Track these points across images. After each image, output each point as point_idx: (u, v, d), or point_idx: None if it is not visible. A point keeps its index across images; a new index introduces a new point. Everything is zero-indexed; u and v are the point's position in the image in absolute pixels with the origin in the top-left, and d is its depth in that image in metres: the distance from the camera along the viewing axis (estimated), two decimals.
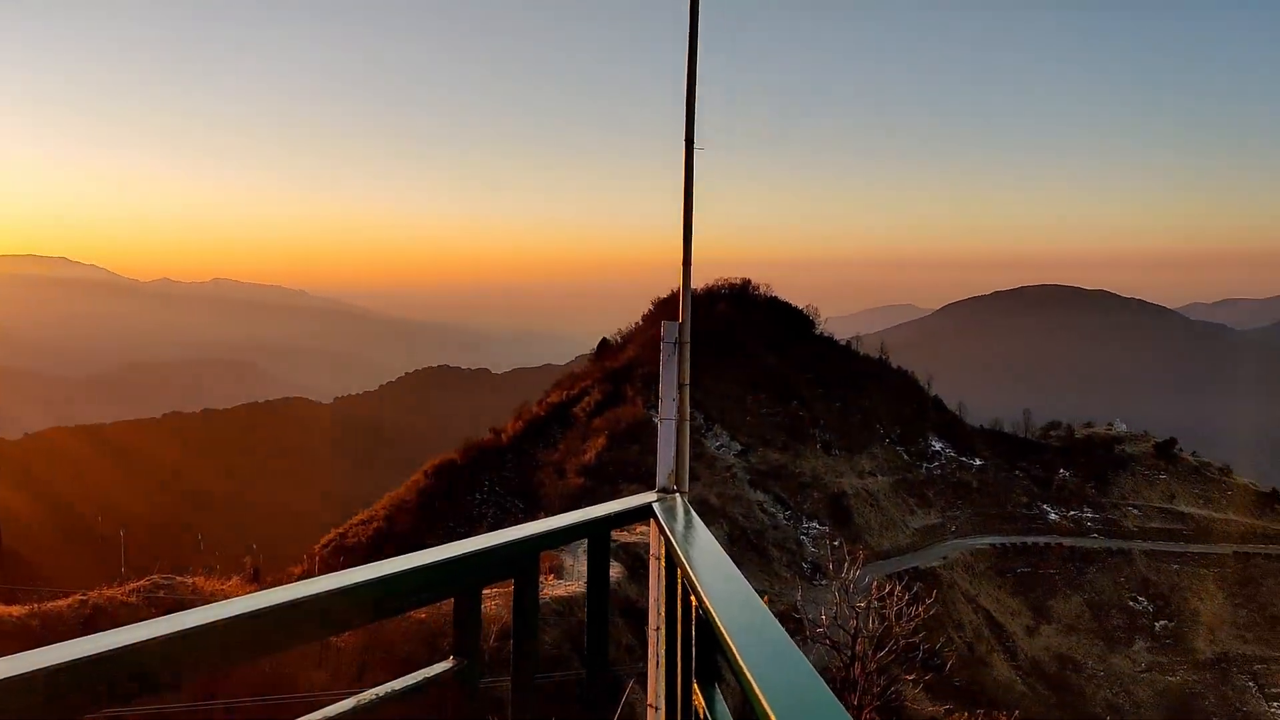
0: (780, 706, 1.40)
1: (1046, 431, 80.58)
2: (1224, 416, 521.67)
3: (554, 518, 2.76)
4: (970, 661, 43.83)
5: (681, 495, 3.15)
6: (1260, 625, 58.93)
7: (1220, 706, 53.62)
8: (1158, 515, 67.29)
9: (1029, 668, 50.78)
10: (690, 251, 3.20)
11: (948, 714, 16.69)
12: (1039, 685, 49.26)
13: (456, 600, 2.38)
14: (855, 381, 70.39)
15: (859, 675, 11.41)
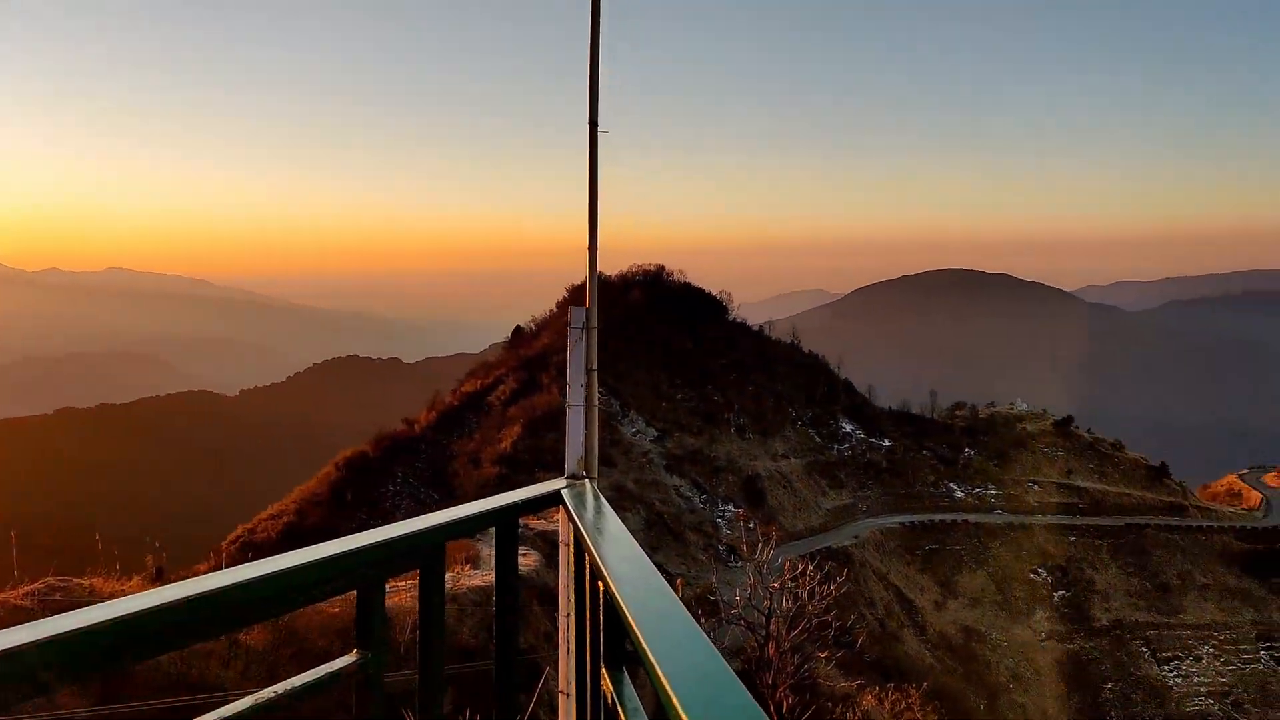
0: (683, 688, 1.40)
1: (952, 412, 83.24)
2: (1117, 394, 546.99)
3: (460, 506, 2.71)
4: (882, 637, 45.11)
5: (591, 481, 3.14)
6: (1151, 593, 62.10)
7: (1115, 671, 56.40)
8: (1056, 490, 70.21)
9: (937, 641, 52.52)
10: (596, 236, 3.17)
11: (860, 689, 17.16)
12: (947, 657, 51.01)
13: (359, 593, 2.32)
14: (768, 366, 71.48)
15: (773, 655, 11.62)
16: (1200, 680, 57.83)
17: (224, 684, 20.51)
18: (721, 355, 69.78)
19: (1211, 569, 65.06)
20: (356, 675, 2.29)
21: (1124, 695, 55.14)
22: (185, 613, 1.86)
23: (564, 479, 3.15)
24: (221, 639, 23.52)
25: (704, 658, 1.52)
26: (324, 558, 2.19)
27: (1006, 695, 50.81)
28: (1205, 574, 64.43)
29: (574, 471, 3.19)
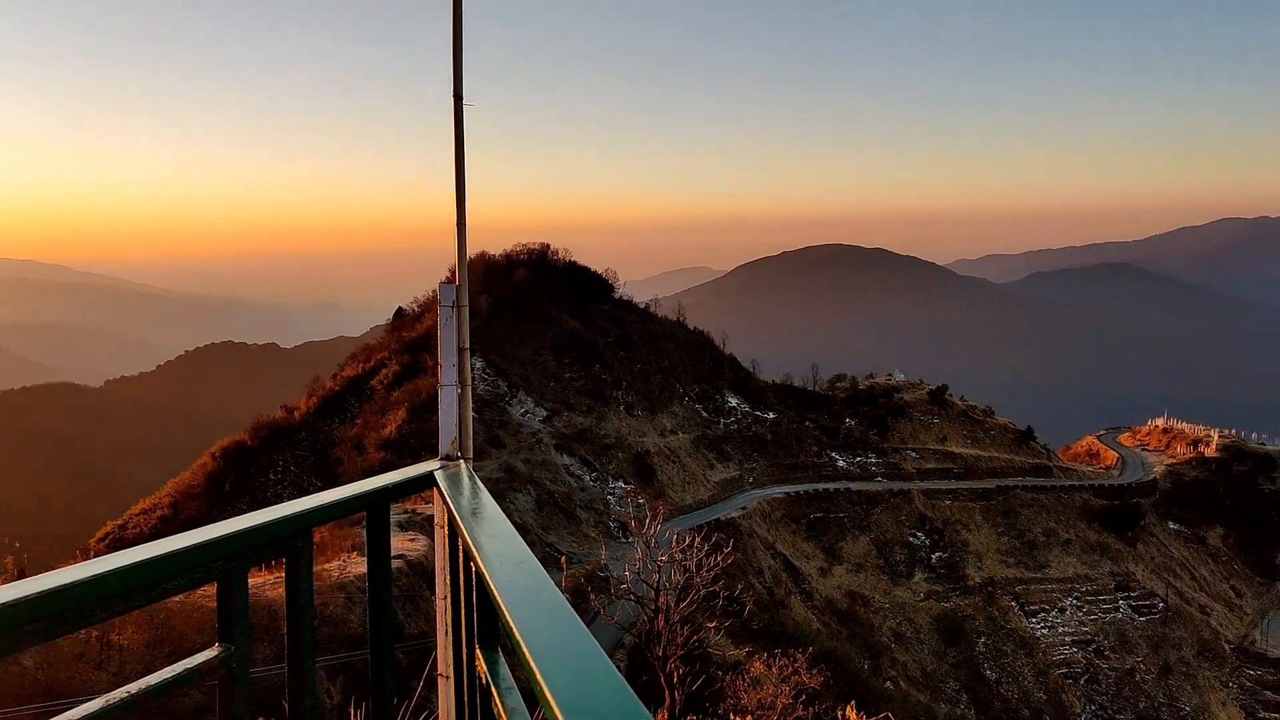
0: (547, 664, 1.40)
1: (833, 384, 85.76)
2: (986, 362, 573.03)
3: (327, 491, 2.62)
4: (770, 605, 46.32)
5: (466, 462, 3.08)
6: (1020, 551, 65.62)
7: (988, 626, 59.46)
8: (932, 456, 73.30)
9: (824, 606, 54.28)
10: (464, 211, 3.10)
11: (750, 656, 17.60)
12: (833, 621, 52.79)
13: (219, 585, 2.22)
14: (655, 343, 72.05)
15: (663, 627, 11.80)
16: (1065, 630, 61.57)
17: (96, 687, 19.55)
18: (608, 334, 69.95)
19: (1073, 525, 69.21)
20: (219, 670, 2.19)
21: (996, 648, 58.24)
22: (34, 609, 1.74)
23: (438, 461, 3.09)
24: (94, 641, 22.33)
25: (571, 635, 1.53)
26: (181, 549, 2.09)
27: (889, 654, 52.95)
28: (1068, 530, 68.49)
29: (448, 453, 3.12)
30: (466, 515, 2.41)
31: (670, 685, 11.37)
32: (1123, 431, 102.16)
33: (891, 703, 39.09)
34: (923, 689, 51.47)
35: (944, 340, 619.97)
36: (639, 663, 23.65)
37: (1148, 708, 58.15)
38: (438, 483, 2.80)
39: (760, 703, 13.57)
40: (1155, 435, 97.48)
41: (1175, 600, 66.11)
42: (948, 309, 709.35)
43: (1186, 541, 74.83)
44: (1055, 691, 57.22)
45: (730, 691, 13.97)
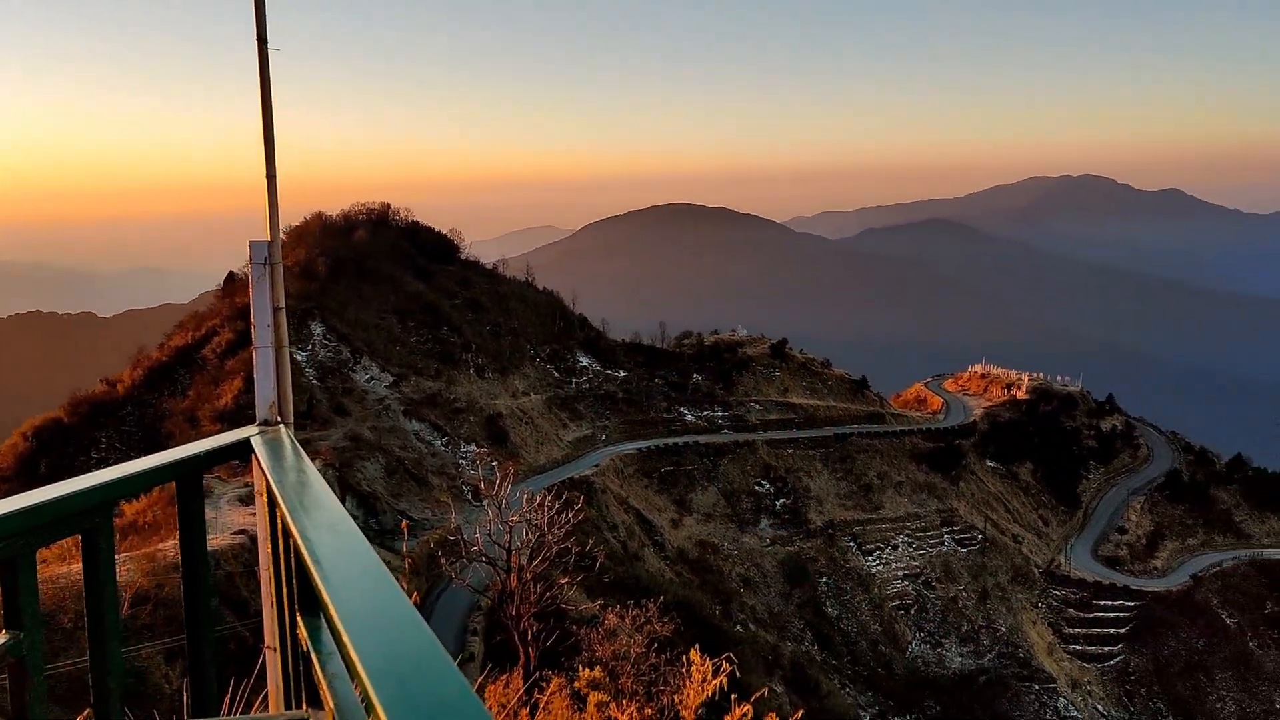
0: (359, 630, 1.37)
1: (680, 341, 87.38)
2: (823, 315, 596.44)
3: (131, 462, 2.43)
4: (624, 558, 47.16)
5: (286, 428, 2.93)
6: (856, 494, 69.18)
7: (829, 566, 62.61)
8: (775, 408, 76.00)
9: (676, 557, 55.71)
10: (274, 162, 2.92)
11: (603, 609, 17.89)
12: (685, 571, 54.28)
13: (2, 567, 2.03)
14: (503, 304, 71.26)
15: (515, 586, 11.80)
16: (897, 566, 65.62)
17: None
18: (455, 295, 68.62)
19: (904, 468, 73.51)
20: (8, 659, 2.02)
21: (836, 586, 61.50)
22: None
23: (255, 426, 2.93)
24: None
25: (384, 598, 1.49)
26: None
27: (738, 599, 54.98)
28: (899, 472, 72.70)
29: (267, 418, 2.96)
30: (284, 483, 2.29)
31: (525, 643, 11.41)
32: (946, 378, 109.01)
33: (741, 644, 40.70)
34: (770, 629, 53.81)
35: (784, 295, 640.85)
36: (495, 623, 23.65)
37: (969, 631, 62.91)
38: (255, 450, 2.65)
39: (615, 653, 13.83)
40: (975, 381, 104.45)
41: (992, 531, 71.49)
42: (787, 265, 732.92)
43: (1002, 477, 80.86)
44: (889, 623, 61.03)
45: (585, 644, 14.17)
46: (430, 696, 1.19)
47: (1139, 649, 66.76)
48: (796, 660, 49.50)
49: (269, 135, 2.88)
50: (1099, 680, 64.60)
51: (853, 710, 50.06)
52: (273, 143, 2.89)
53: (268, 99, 2.84)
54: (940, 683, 57.26)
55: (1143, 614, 68.18)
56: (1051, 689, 61.03)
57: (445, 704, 1.18)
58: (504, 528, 12.82)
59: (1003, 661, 61.33)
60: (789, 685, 44.10)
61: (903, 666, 57.75)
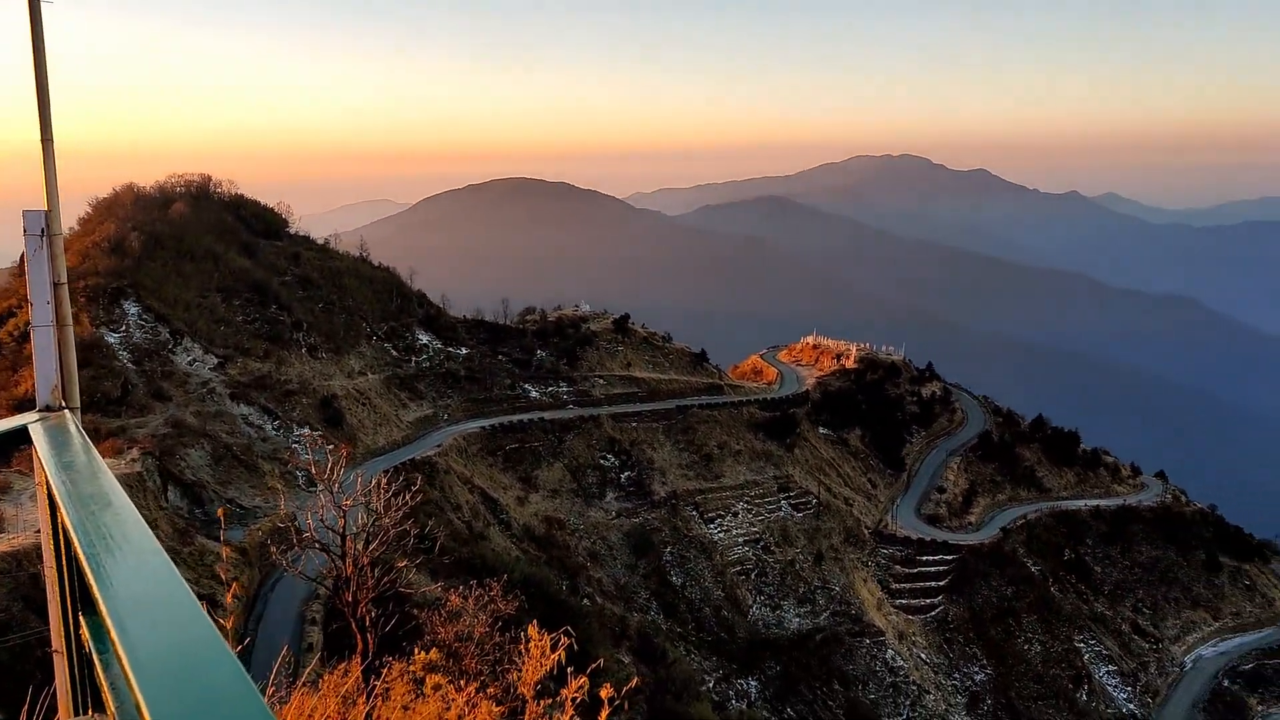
0: (127, 623, 1.35)
1: (524, 317, 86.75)
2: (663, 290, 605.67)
3: None
4: (469, 538, 46.62)
5: (72, 413, 2.68)
6: (698, 464, 70.90)
7: (673, 535, 64.01)
8: (619, 382, 76.77)
9: (522, 534, 55.56)
10: (50, 123, 2.64)
11: (446, 590, 17.63)
12: (531, 547, 54.24)
13: None
14: (336, 281, 68.60)
15: (351, 572, 11.43)
16: (738, 532, 67.86)
17: None
18: (285, 272, 65.48)
19: (743, 437, 75.90)
20: None
21: (680, 555, 63.00)
22: None
23: (35, 412, 2.66)
24: None
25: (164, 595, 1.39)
26: None
27: (585, 573, 55.44)
28: (738, 441, 75.01)
29: (48, 403, 2.70)
30: (63, 473, 2.09)
31: (363, 629, 11.09)
32: (781, 349, 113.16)
33: (588, 618, 41.11)
34: (617, 601, 54.60)
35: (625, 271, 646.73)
36: (334, 610, 22.91)
37: (806, 592, 65.92)
38: (33, 438, 2.41)
39: (458, 635, 13.66)
40: (807, 351, 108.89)
41: (826, 496, 74.98)
42: (628, 241, 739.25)
43: (833, 443, 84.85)
44: (731, 588, 63.12)
45: (428, 628, 13.93)
46: (203, 694, 1.17)
47: (956, 599, 71.78)
48: (643, 630, 50.46)
49: (43, 94, 2.60)
50: (922, 630, 69.10)
51: (698, 675, 51.59)
52: (48, 103, 2.61)
53: (40, 55, 2.57)
54: (780, 643, 59.77)
55: (959, 566, 73.29)
56: (881, 642, 64.82)
57: (220, 701, 1.16)
58: (337, 512, 12.41)
59: (837, 619, 64.61)
60: (636, 655, 44.93)
61: (745, 630, 59.90)
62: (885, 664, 63.55)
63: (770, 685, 56.54)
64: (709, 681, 53.24)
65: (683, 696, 41.09)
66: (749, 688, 55.83)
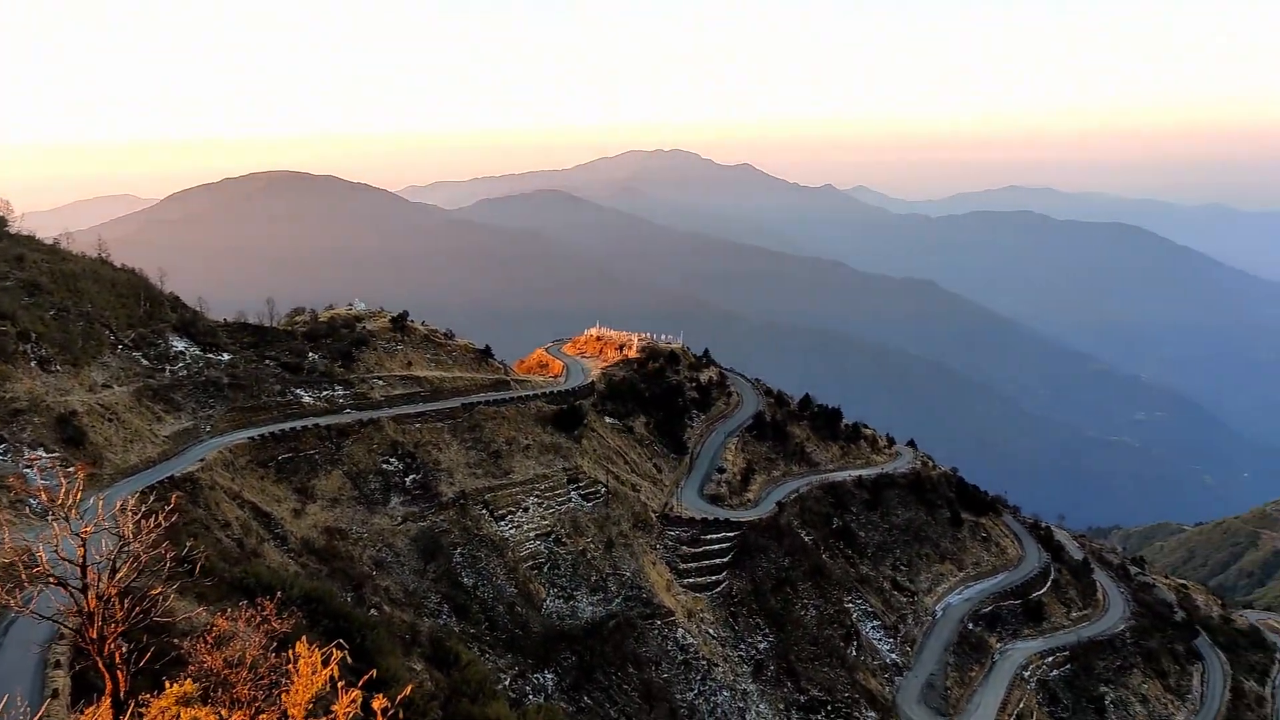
0: None
1: (292, 318, 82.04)
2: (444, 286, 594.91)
3: None
4: (242, 556, 43.55)
5: None
6: (487, 461, 69.96)
7: (463, 536, 62.82)
8: (400, 383, 74.26)
9: (300, 548, 52.58)
10: None
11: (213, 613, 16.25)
12: (312, 561, 51.45)
13: None
14: (71, 285, 61.90)
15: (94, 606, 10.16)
16: (529, 527, 67.61)
17: None
18: (5, 276, 58.30)
19: (531, 431, 75.66)
20: None
21: (471, 555, 61.95)
22: None
23: None
24: None
25: None
26: None
27: (371, 582, 53.32)
28: (526, 436, 74.70)
29: None
30: None
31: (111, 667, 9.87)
32: (565, 342, 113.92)
33: (376, 628, 39.52)
34: (407, 608, 52.90)
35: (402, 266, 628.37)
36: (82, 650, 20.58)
37: (598, 580, 66.75)
38: None
39: (228, 660, 12.58)
40: (591, 343, 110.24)
41: (614, 484, 76.21)
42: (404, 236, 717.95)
43: (620, 432, 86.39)
44: (525, 583, 62.83)
45: (192, 656, 12.73)
46: None
47: (739, 573, 75.16)
48: (435, 635, 49.14)
49: None
50: (709, 607, 71.82)
51: (493, 675, 50.92)
52: None
53: None
54: (574, 633, 60.17)
55: (741, 542, 76.77)
56: (671, 622, 66.75)
57: None
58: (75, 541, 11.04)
59: (629, 604, 65.86)
60: (429, 661, 43.71)
61: (539, 624, 59.81)
62: (676, 643, 65.52)
63: (567, 676, 56.81)
64: (505, 679, 52.75)
65: (478, 698, 40.39)
66: (545, 681, 55.83)
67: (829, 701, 68.68)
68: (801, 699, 68.17)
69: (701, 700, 63.07)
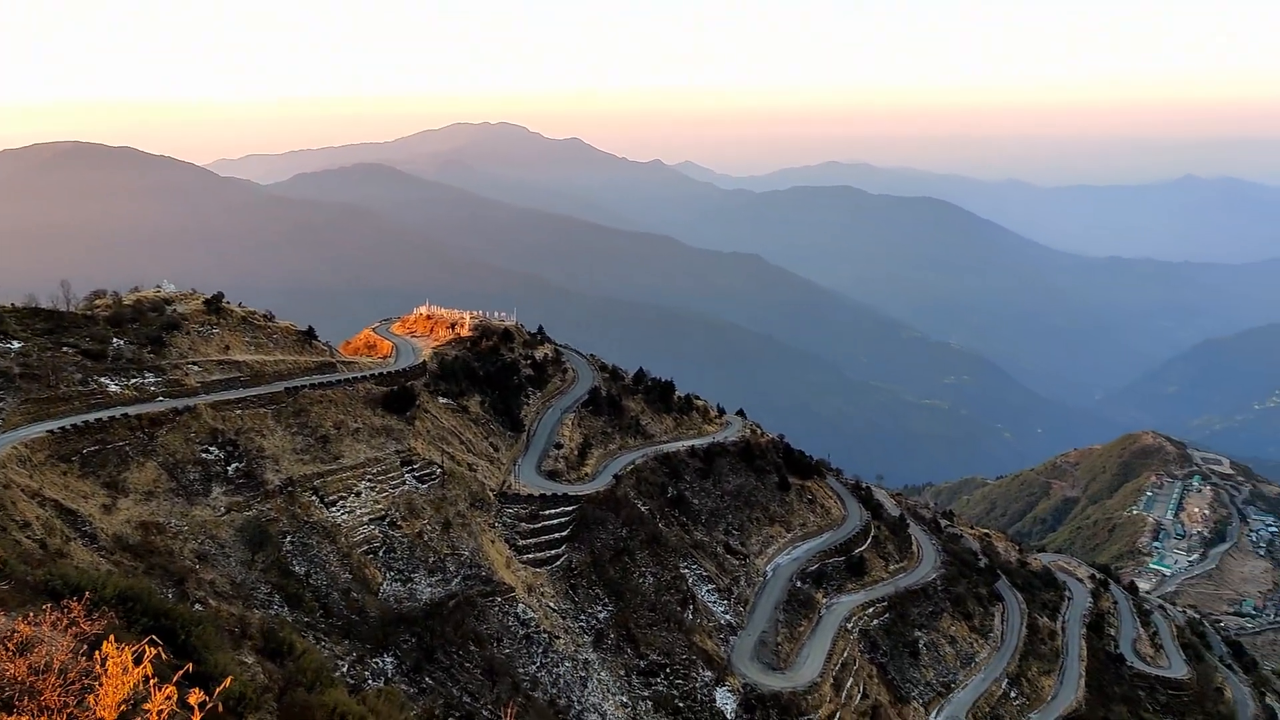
0: None
1: (92, 302, 76.20)
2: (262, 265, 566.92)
3: None
4: (46, 558, 40.54)
5: None
6: (315, 446, 67.69)
7: (292, 524, 60.70)
8: (217, 368, 70.54)
9: (113, 545, 49.41)
10: None
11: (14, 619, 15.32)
12: (126, 558, 48.47)
13: None
14: None
15: None
16: (363, 511, 66.04)
17: None
18: None
19: (360, 414, 73.70)
20: None
21: (302, 543, 59.97)
22: None
23: None
24: None
25: None
26: None
27: (195, 576, 50.80)
28: (356, 420, 72.72)
29: None
30: None
31: None
32: (394, 322, 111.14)
33: (201, 624, 37.86)
34: (234, 601, 50.75)
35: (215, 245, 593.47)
36: None
37: (436, 561, 66.15)
38: None
39: (33, 667, 12.00)
40: (421, 322, 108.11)
41: (450, 464, 75.46)
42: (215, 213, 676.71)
43: (454, 412, 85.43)
44: (359, 569, 61.47)
45: None
46: None
47: (578, 547, 76.21)
48: (267, 626, 47.43)
49: None
50: (549, 581, 72.53)
51: (330, 662, 49.73)
52: None
53: None
54: (413, 615, 59.47)
55: (579, 516, 77.78)
56: (512, 598, 67.03)
57: None
58: None
59: (468, 583, 65.63)
60: (261, 653, 42.23)
61: (377, 608, 58.74)
62: (517, 618, 65.91)
63: (407, 658, 56.15)
64: (343, 666, 51.62)
65: (315, 686, 39.48)
66: (385, 665, 55.01)
67: (668, 664, 70.96)
68: (641, 664, 70.11)
69: (544, 672, 63.85)
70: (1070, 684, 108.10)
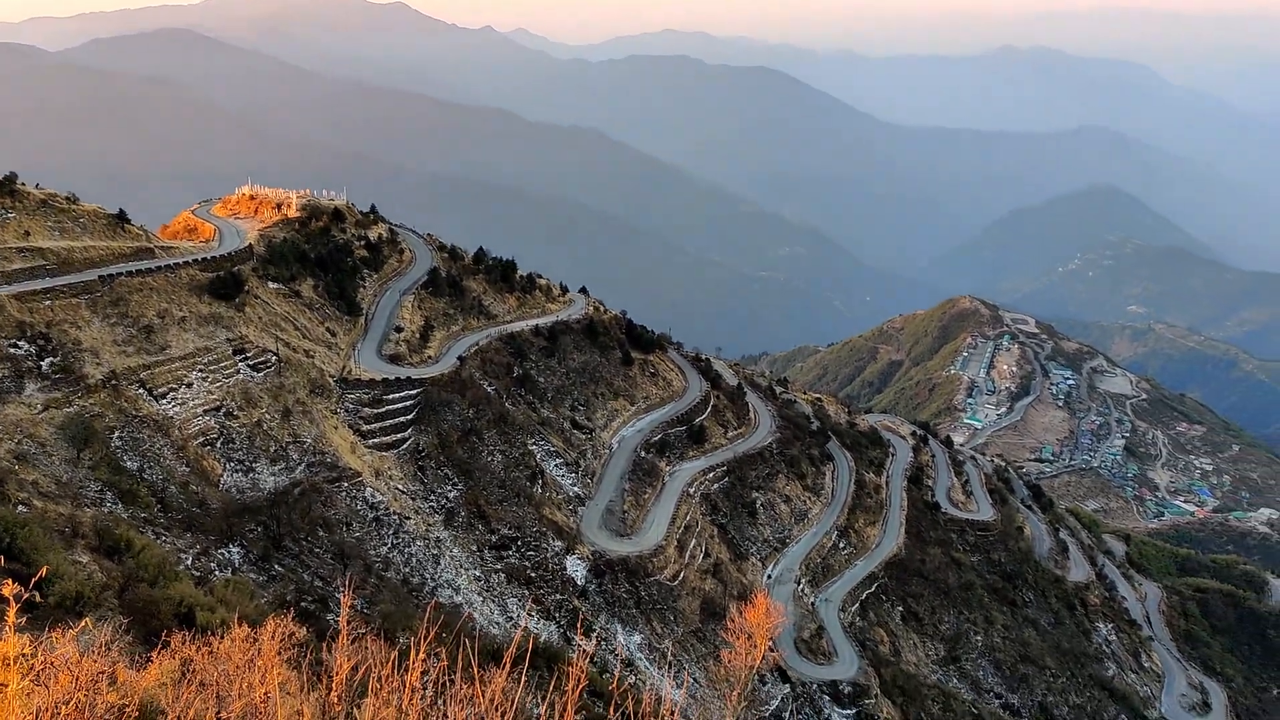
0: None
1: None
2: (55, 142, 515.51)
3: None
4: None
5: None
6: (138, 338, 64.32)
7: (119, 418, 58.12)
8: (17, 255, 65.18)
9: None
10: None
11: None
12: None
13: None
14: None
15: None
16: (196, 403, 63.79)
17: None
18: None
19: (185, 302, 70.21)
20: None
21: (132, 438, 57.63)
22: None
23: None
24: None
25: None
26: None
27: (15, 478, 48.40)
28: (181, 308, 69.28)
29: None
30: None
31: None
32: (215, 203, 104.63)
33: (27, 525, 36.58)
34: (62, 500, 48.82)
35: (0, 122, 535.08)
36: None
37: (277, 450, 65.17)
38: None
39: None
40: (244, 203, 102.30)
41: (286, 351, 73.46)
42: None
43: (286, 297, 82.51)
44: (197, 461, 59.91)
45: None
46: None
47: (425, 429, 76.58)
48: (100, 525, 46.08)
49: None
50: (397, 464, 72.90)
51: (172, 556, 48.97)
52: None
53: None
54: (257, 505, 58.84)
55: (424, 399, 77.85)
56: (359, 483, 67.16)
57: None
58: None
59: (313, 470, 65.19)
60: (95, 552, 41.21)
61: (218, 500, 57.74)
62: (365, 502, 66.29)
63: (254, 548, 55.83)
64: (186, 560, 50.93)
65: (158, 581, 39.04)
66: (232, 556, 54.57)
67: (519, 537, 73.45)
68: (493, 538, 72.28)
69: (396, 553, 64.93)
70: (892, 532, 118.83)
